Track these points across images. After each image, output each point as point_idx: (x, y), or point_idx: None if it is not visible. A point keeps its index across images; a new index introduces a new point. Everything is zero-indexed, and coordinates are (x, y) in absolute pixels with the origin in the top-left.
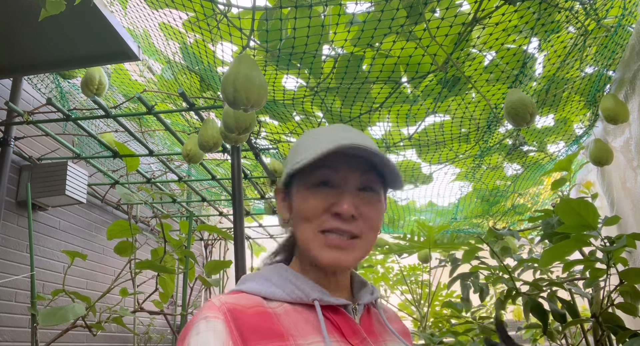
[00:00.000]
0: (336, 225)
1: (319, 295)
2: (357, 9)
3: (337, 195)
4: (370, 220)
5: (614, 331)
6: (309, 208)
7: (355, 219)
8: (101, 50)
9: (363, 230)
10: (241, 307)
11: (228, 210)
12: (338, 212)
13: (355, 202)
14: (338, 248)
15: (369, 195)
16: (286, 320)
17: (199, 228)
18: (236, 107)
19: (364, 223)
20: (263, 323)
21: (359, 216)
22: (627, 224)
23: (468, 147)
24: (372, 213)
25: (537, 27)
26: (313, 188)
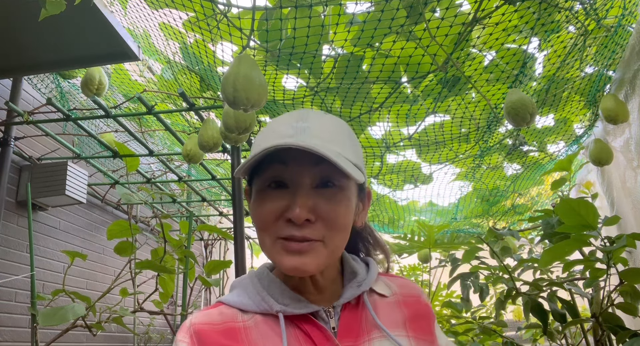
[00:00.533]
0: (290, 232)
1: (281, 307)
2: (357, 8)
3: (290, 197)
4: (331, 220)
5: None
6: (262, 217)
7: (313, 222)
8: (101, 50)
9: (323, 232)
10: (209, 326)
11: (228, 210)
12: (290, 218)
13: (311, 202)
14: (298, 253)
15: (329, 192)
16: (254, 333)
17: (199, 228)
18: (236, 107)
19: (324, 225)
20: (226, 342)
21: (317, 218)
22: (627, 224)
23: (468, 147)
24: (334, 212)
25: (537, 27)
26: (265, 191)
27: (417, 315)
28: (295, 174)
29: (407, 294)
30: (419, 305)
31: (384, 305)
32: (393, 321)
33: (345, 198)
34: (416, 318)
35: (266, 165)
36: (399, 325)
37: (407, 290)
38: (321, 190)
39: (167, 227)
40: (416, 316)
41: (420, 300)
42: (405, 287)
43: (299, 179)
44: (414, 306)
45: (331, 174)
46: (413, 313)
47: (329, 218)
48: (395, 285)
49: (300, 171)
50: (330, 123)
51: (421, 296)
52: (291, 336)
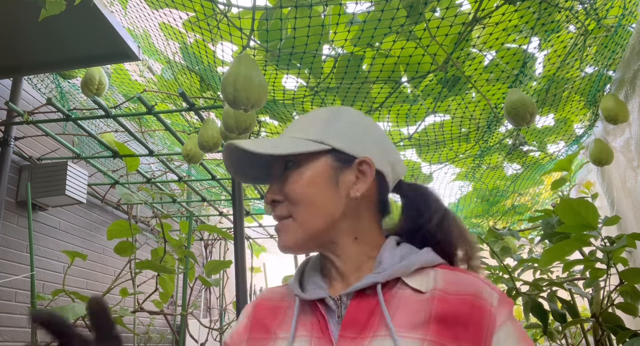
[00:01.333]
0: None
1: (299, 291)
2: (357, 8)
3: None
4: (289, 196)
5: (614, 331)
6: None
7: (281, 202)
8: (101, 50)
9: (290, 209)
10: (267, 302)
11: (228, 210)
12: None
13: (277, 187)
14: (278, 232)
15: (289, 172)
16: (288, 313)
17: (199, 228)
18: (236, 106)
19: (289, 202)
20: (266, 318)
21: (284, 197)
22: (627, 224)
23: (468, 146)
24: (290, 188)
25: (537, 27)
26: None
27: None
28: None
29: (453, 291)
30: (462, 306)
31: (412, 301)
32: (412, 321)
33: (300, 173)
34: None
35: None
36: (418, 325)
37: (454, 287)
38: (286, 173)
39: (167, 227)
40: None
41: (468, 300)
42: (454, 283)
43: (273, 168)
44: (453, 306)
45: (291, 158)
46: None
47: (288, 194)
48: (444, 280)
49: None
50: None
51: (474, 296)
52: (307, 321)
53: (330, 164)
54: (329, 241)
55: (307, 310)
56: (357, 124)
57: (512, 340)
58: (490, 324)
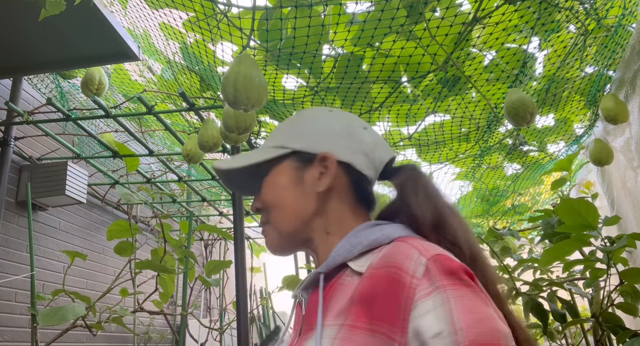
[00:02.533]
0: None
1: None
2: (357, 8)
3: None
4: (265, 202)
5: (614, 331)
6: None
7: (262, 209)
8: (101, 50)
9: (267, 214)
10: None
11: (228, 210)
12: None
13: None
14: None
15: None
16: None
17: (199, 228)
18: (236, 106)
19: (264, 208)
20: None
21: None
22: (627, 224)
23: (468, 146)
24: (265, 194)
25: (538, 27)
26: None
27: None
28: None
29: (380, 265)
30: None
31: (349, 286)
32: (337, 309)
33: (268, 179)
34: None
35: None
36: (341, 312)
37: (384, 260)
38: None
39: (167, 227)
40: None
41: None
42: (386, 257)
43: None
44: (374, 280)
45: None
46: (368, 292)
47: (264, 201)
48: (382, 255)
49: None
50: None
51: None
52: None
53: (293, 165)
54: (305, 239)
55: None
56: (319, 121)
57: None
58: (407, 298)
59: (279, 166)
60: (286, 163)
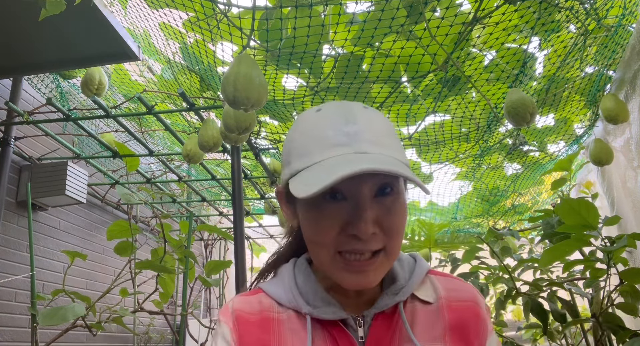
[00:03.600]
0: (354, 246)
1: (309, 309)
2: (357, 8)
3: (351, 211)
4: (393, 231)
5: (614, 331)
6: (322, 232)
7: (376, 234)
8: (101, 50)
9: (386, 242)
10: (247, 314)
11: (228, 210)
12: (355, 233)
13: (374, 214)
14: (360, 272)
15: (389, 201)
16: (286, 327)
17: (199, 228)
18: (236, 106)
19: (385, 235)
20: (258, 333)
21: (380, 229)
22: (628, 224)
23: (468, 146)
24: (396, 222)
25: (538, 27)
26: (320, 204)
27: (462, 324)
28: (353, 186)
29: (455, 298)
30: (467, 313)
31: (425, 314)
32: (431, 335)
33: (403, 203)
34: (460, 327)
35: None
36: (437, 338)
37: (455, 294)
38: (380, 199)
39: (167, 227)
40: (460, 325)
41: (470, 307)
42: (454, 290)
43: (359, 191)
44: (459, 312)
45: (389, 180)
46: (456, 322)
47: (391, 228)
48: (443, 288)
49: (359, 182)
50: (378, 122)
51: (473, 302)
52: (319, 338)
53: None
54: None
55: (317, 328)
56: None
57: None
58: (484, 329)
59: (403, 188)
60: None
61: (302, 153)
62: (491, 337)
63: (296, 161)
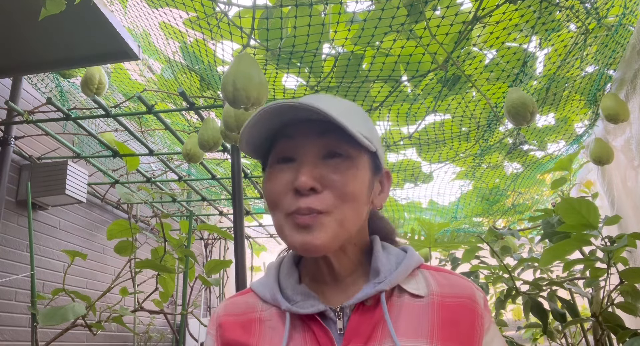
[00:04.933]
0: (297, 204)
1: (288, 306)
2: (357, 7)
3: (297, 168)
4: (339, 189)
5: (614, 331)
6: (272, 190)
7: (319, 192)
8: (101, 50)
9: (331, 202)
10: (233, 318)
11: (228, 210)
12: (296, 187)
13: (318, 172)
14: (304, 228)
15: (336, 162)
16: (267, 325)
17: (199, 227)
18: (236, 105)
19: (332, 194)
20: (240, 337)
21: (323, 187)
22: (628, 223)
23: (468, 145)
24: (342, 181)
25: (538, 26)
26: (273, 167)
27: (454, 321)
28: (301, 147)
29: (449, 294)
30: (461, 310)
31: (413, 308)
32: (416, 329)
33: (354, 167)
34: (451, 324)
35: (275, 144)
36: (422, 333)
37: (449, 290)
38: (328, 161)
39: (167, 226)
40: (452, 322)
41: (465, 304)
42: (449, 286)
43: (305, 150)
44: (453, 309)
45: (338, 144)
46: (448, 318)
47: (335, 186)
48: (437, 283)
49: (305, 143)
50: (342, 102)
51: (469, 298)
52: (298, 334)
53: (370, 167)
54: (342, 245)
55: (297, 324)
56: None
57: (497, 339)
58: (480, 326)
59: (364, 161)
60: (367, 162)
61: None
62: (489, 333)
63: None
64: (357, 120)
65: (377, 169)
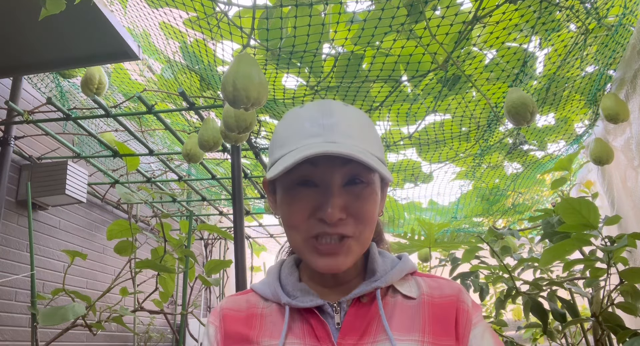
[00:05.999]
0: (323, 230)
1: (287, 300)
2: (357, 7)
3: (321, 197)
4: (361, 216)
5: (614, 331)
6: (293, 215)
7: (344, 219)
8: (101, 50)
9: (355, 228)
10: (235, 312)
11: (228, 210)
12: (323, 218)
13: (342, 201)
14: (330, 254)
15: (357, 189)
16: (268, 320)
17: (199, 227)
18: (236, 105)
19: (354, 221)
20: (242, 329)
21: (348, 215)
22: (628, 223)
23: (468, 145)
24: (364, 208)
25: (538, 26)
26: (294, 190)
27: (442, 316)
28: (325, 174)
29: (438, 295)
30: (448, 306)
31: (406, 307)
32: (408, 326)
33: (373, 193)
34: (440, 319)
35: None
36: (414, 329)
37: (438, 291)
38: (350, 188)
39: (167, 226)
40: (440, 318)
41: (452, 301)
42: (437, 288)
43: (329, 179)
44: (441, 307)
45: (359, 172)
46: (438, 314)
47: (358, 214)
48: (427, 286)
49: (330, 171)
50: (354, 118)
51: (455, 297)
52: (297, 328)
53: (379, 185)
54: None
55: (296, 318)
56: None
57: (487, 335)
58: (468, 322)
59: (376, 180)
60: (378, 180)
61: (281, 144)
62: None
63: (276, 151)
64: (372, 139)
65: (384, 183)
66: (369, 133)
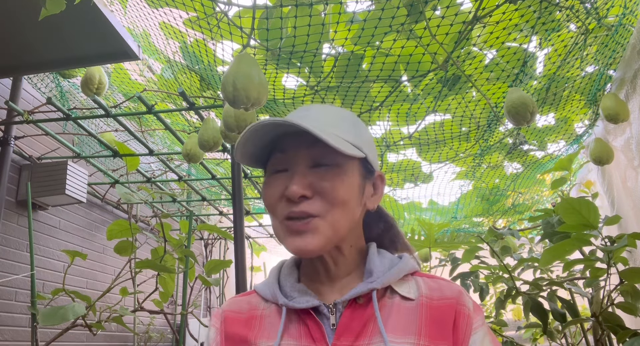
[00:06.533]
0: (289, 209)
1: (284, 301)
2: (357, 7)
3: (288, 178)
4: (328, 194)
5: (614, 331)
6: (267, 199)
7: (310, 198)
8: (101, 50)
9: (322, 207)
10: (236, 314)
11: (228, 210)
12: (287, 195)
13: (306, 180)
14: (297, 233)
15: (324, 170)
16: (266, 321)
17: (199, 227)
18: (236, 105)
19: (322, 200)
20: (242, 331)
21: (314, 194)
22: (628, 223)
23: (468, 145)
24: (331, 187)
25: (538, 26)
26: (270, 177)
27: (441, 320)
28: (292, 158)
29: (437, 297)
30: (447, 309)
31: (404, 309)
32: (404, 327)
33: (342, 173)
34: (438, 323)
35: (271, 156)
36: (410, 331)
37: (438, 293)
38: (317, 169)
39: (167, 226)
40: (439, 321)
41: (452, 304)
42: (437, 289)
43: (295, 162)
44: (439, 309)
45: (325, 154)
46: (435, 317)
47: (324, 191)
48: (427, 287)
49: (295, 155)
50: (331, 111)
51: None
52: (294, 329)
53: (361, 172)
54: (337, 246)
55: (293, 318)
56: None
57: (487, 340)
58: (468, 326)
59: (353, 167)
60: (357, 167)
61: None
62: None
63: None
64: (345, 127)
65: (369, 172)
66: (343, 122)
